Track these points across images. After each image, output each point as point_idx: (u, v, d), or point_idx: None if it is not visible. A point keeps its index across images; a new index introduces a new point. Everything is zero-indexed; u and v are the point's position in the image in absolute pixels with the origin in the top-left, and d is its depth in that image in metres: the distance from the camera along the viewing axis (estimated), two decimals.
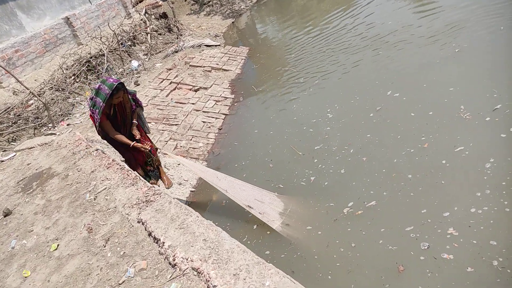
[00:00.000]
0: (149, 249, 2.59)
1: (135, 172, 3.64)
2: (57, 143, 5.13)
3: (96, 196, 3.52)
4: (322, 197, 3.93)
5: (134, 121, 4.18)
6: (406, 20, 7.29)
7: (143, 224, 2.79)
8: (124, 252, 2.67)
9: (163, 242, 2.46)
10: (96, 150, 4.46)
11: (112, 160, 4.02)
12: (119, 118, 4.05)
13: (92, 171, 3.99)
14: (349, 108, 5.22)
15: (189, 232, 2.46)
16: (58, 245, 3.03)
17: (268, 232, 3.72)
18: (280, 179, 4.44)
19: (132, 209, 3.04)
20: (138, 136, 4.09)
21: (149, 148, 4.13)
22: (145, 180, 3.52)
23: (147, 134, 4.47)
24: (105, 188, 3.58)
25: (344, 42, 7.39)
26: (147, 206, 2.94)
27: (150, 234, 2.66)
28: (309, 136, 4.96)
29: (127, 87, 3.97)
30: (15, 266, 2.98)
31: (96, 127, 4.01)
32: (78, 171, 4.15)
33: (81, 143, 4.85)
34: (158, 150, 4.62)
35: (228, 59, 8.76)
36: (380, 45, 6.67)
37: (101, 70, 7.87)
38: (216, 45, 9.90)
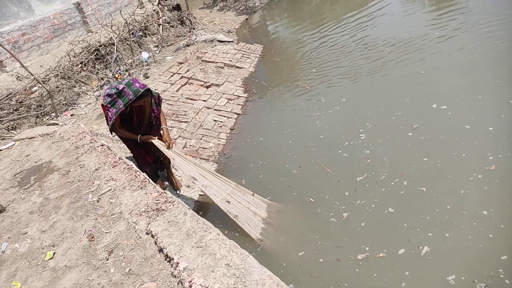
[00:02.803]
0: (160, 269, 2.24)
1: (144, 173, 3.30)
2: (60, 134, 4.79)
3: (100, 198, 3.18)
4: (357, 241, 3.23)
5: (164, 127, 3.82)
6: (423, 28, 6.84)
7: (153, 236, 2.45)
8: (130, 269, 2.33)
9: (177, 263, 2.11)
10: (102, 145, 4.12)
11: (119, 158, 3.68)
12: (135, 119, 3.70)
13: (96, 169, 3.65)
14: (385, 126, 4.53)
15: (208, 253, 2.11)
16: (54, 253, 2.69)
17: (284, 264, 3.24)
18: (308, 191, 3.93)
19: (140, 217, 2.69)
20: (169, 144, 3.72)
21: (155, 138, 3.76)
22: (154, 184, 3.17)
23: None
24: (110, 190, 3.24)
25: (365, 48, 6.95)
26: (157, 216, 2.59)
27: (161, 250, 2.31)
28: (345, 162, 4.20)
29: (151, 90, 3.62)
30: (4, 274, 2.64)
31: (107, 121, 3.65)
32: (81, 168, 3.81)
33: (85, 136, 4.52)
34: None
35: (242, 56, 8.41)
36: (410, 54, 6.16)
37: (110, 59, 7.52)
38: (229, 41, 9.55)
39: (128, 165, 3.47)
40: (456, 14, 7.10)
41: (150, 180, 3.16)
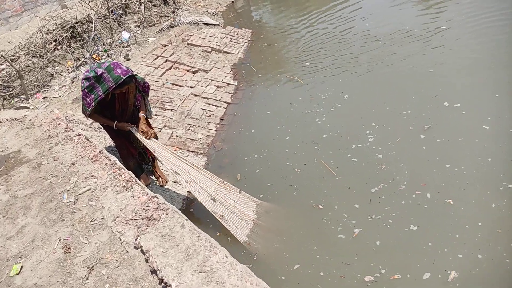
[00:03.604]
0: None
1: (129, 172, 2.87)
2: (30, 120, 4.29)
3: (77, 199, 2.75)
4: (371, 262, 2.81)
5: (141, 114, 3.40)
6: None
7: (143, 253, 2.05)
8: None
9: None
10: (79, 135, 3.65)
11: (99, 152, 3.23)
12: (117, 106, 3.27)
13: (73, 163, 3.19)
14: (393, 127, 4.10)
15: (215, 280, 1.73)
16: (21, 267, 2.26)
17: (283, 278, 2.89)
18: (313, 195, 3.50)
19: (127, 227, 2.28)
20: (148, 135, 3.33)
21: (134, 127, 3.36)
22: (142, 184, 2.76)
23: (149, 119, 3.69)
24: (89, 189, 2.81)
25: (362, 41, 6.50)
26: (148, 226, 2.18)
27: (154, 272, 1.92)
28: (356, 168, 3.72)
29: (135, 73, 3.18)
30: None
31: (84, 108, 3.20)
32: (55, 161, 3.35)
33: (59, 123, 4.03)
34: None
35: (230, 41, 7.94)
36: (411, 47, 5.73)
37: (87, 38, 6.91)
38: (215, 24, 9.06)
39: (110, 160, 3.03)
40: (449, 5, 6.82)
41: (137, 180, 2.74)
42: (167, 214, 2.22)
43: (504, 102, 4.00)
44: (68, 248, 2.29)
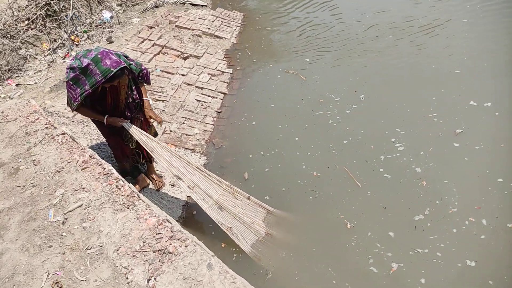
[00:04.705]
0: None
1: (130, 185, 2.41)
2: (2, 112, 3.72)
3: (66, 218, 2.27)
4: None
5: (146, 98, 3.03)
6: None
7: None
8: None
9: None
10: (63, 134, 3.13)
11: (90, 157, 2.74)
12: (109, 100, 2.79)
13: (58, 170, 2.69)
14: (421, 133, 3.64)
15: None
16: None
17: None
18: (339, 209, 3.04)
19: (134, 261, 1.84)
20: (154, 122, 3.07)
21: (128, 122, 2.91)
22: (147, 201, 2.30)
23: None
24: (81, 206, 2.33)
25: (366, 29, 6.09)
26: (162, 263, 1.75)
27: None
28: (392, 185, 3.20)
29: (129, 63, 2.71)
30: None
31: (70, 101, 2.71)
32: (35, 165, 2.84)
33: (38, 118, 3.49)
34: None
35: (221, 24, 7.41)
36: (426, 41, 5.25)
37: (64, 17, 6.22)
38: (203, 5, 8.45)
39: (105, 168, 2.55)
40: None
41: (139, 195, 2.28)
42: (186, 246, 1.79)
43: None
44: (60, 287, 1.84)
